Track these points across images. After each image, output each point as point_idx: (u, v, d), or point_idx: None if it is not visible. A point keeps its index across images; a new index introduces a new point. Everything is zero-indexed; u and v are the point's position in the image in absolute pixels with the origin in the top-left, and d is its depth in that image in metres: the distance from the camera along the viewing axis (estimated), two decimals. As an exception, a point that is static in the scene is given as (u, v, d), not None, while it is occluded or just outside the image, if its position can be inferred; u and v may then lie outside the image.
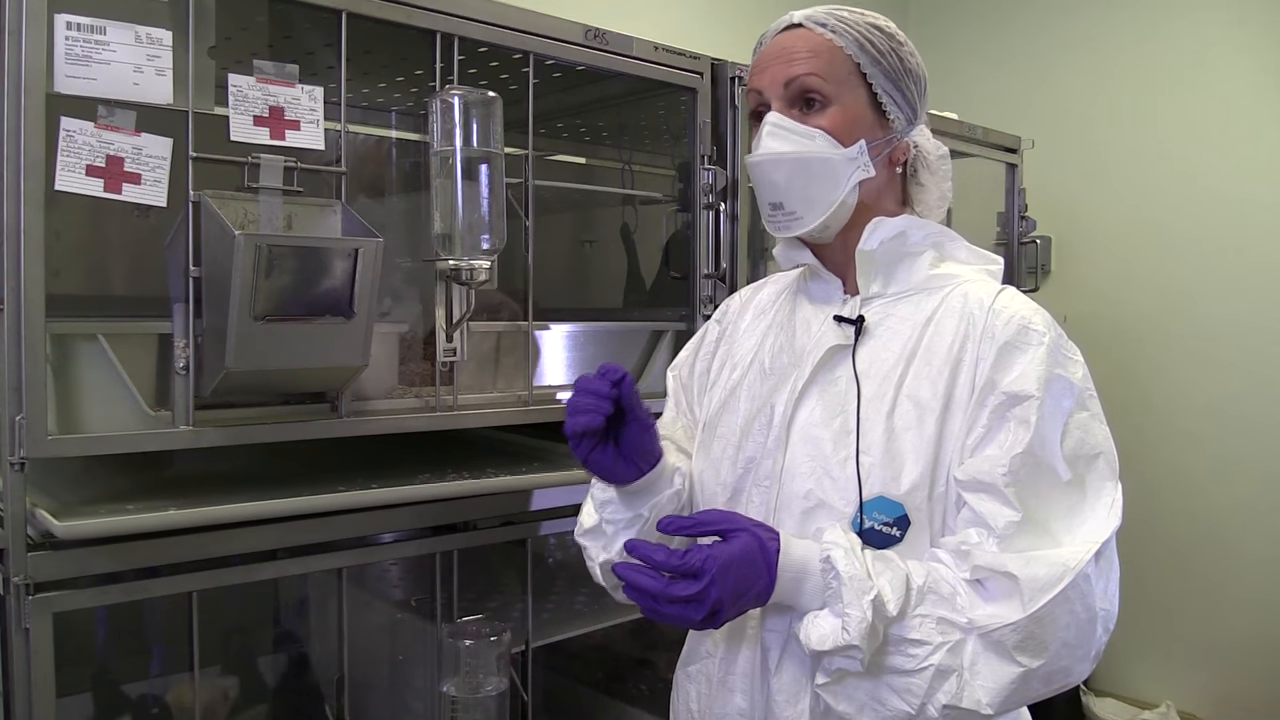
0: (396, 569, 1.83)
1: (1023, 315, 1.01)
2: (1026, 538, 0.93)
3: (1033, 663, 0.91)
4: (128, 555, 1.21)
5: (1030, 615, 0.89)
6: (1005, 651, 0.91)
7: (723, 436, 1.13)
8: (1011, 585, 0.91)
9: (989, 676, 0.91)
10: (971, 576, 0.94)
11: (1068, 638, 0.91)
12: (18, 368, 1.12)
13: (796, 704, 1.01)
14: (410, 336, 1.53)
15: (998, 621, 0.90)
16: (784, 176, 1.05)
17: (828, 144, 1.04)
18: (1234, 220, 2.85)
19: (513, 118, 1.50)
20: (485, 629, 1.47)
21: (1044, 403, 0.96)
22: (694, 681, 1.14)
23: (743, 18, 2.98)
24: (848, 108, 1.05)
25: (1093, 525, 0.95)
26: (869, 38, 1.05)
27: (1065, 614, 0.91)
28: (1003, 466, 0.94)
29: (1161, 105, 2.98)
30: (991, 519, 0.94)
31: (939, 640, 0.91)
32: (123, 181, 1.16)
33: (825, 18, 1.06)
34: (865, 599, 0.90)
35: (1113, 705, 3.00)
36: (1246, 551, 2.84)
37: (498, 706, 1.46)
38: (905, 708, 0.91)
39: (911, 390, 1.01)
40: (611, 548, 1.11)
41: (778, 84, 1.06)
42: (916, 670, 0.91)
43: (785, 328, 1.14)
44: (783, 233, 1.09)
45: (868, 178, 1.06)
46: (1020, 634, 0.90)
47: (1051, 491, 0.95)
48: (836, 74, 1.05)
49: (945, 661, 0.90)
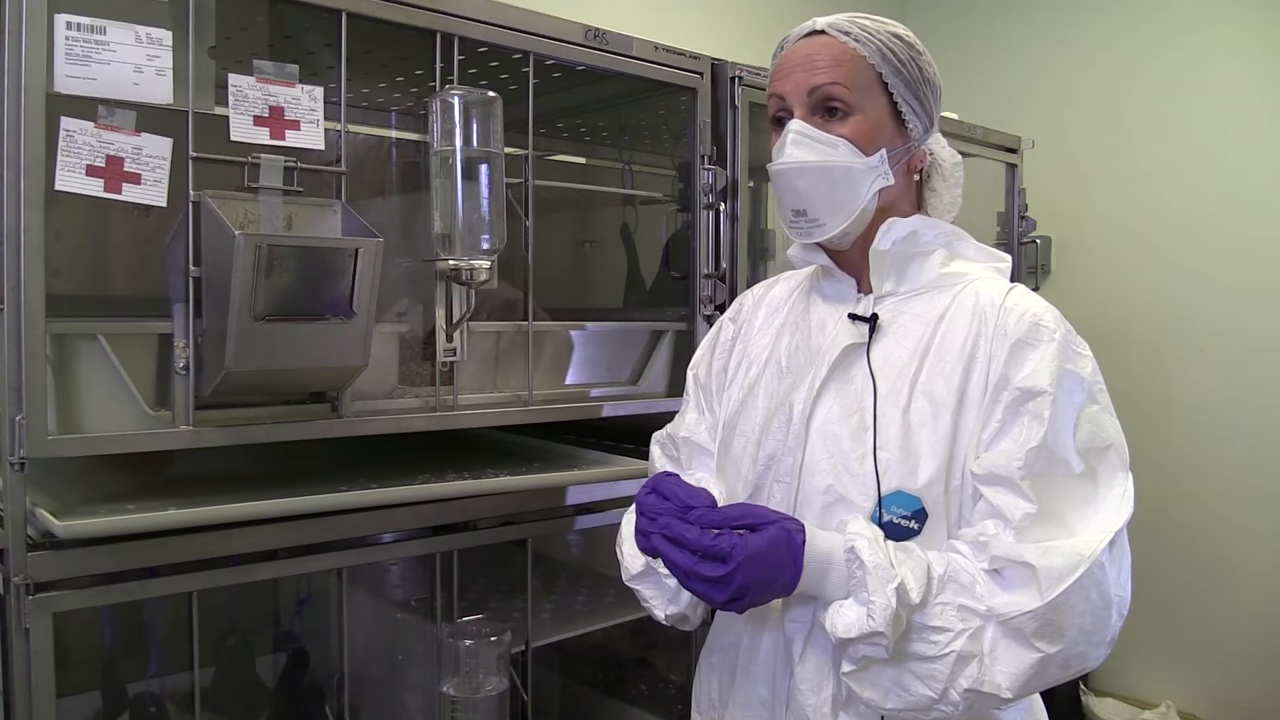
0: (396, 569, 1.83)
1: (1034, 313, 1.04)
2: (1042, 529, 0.96)
3: (1051, 648, 0.93)
4: (128, 555, 1.20)
5: (1048, 603, 0.92)
6: (1024, 638, 0.93)
7: (743, 434, 1.15)
8: (1029, 574, 0.93)
9: (1009, 662, 0.93)
10: (990, 566, 0.96)
11: (1084, 624, 0.94)
12: (18, 368, 1.12)
13: (820, 693, 1.04)
14: (410, 336, 1.53)
15: (1016, 609, 0.93)
16: (808, 184, 1.07)
17: (850, 153, 1.06)
18: (1234, 220, 2.85)
19: (513, 118, 1.50)
20: (485, 629, 1.47)
21: (1056, 398, 0.98)
22: (716, 671, 1.17)
23: (743, 18, 2.98)
24: (870, 117, 1.07)
25: (1106, 515, 0.97)
26: (891, 47, 1.07)
27: (1081, 601, 0.93)
28: (1018, 461, 0.97)
29: (1161, 105, 2.98)
30: (1008, 511, 0.96)
31: (960, 627, 0.93)
32: (123, 181, 1.16)
33: (849, 25, 1.08)
34: (889, 587, 0.92)
35: (1113, 705, 3.01)
36: (1247, 551, 2.84)
37: (498, 706, 1.46)
38: (928, 692, 0.93)
39: (926, 386, 1.04)
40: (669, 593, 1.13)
41: (801, 91, 1.07)
42: (939, 656, 0.93)
43: (800, 326, 1.17)
44: (804, 239, 1.11)
45: (887, 185, 1.08)
46: (1038, 621, 0.92)
47: (1065, 484, 0.98)
48: (860, 83, 1.06)
49: (966, 647, 0.93)
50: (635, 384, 1.79)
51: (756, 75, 1.83)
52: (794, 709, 1.06)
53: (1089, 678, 3.08)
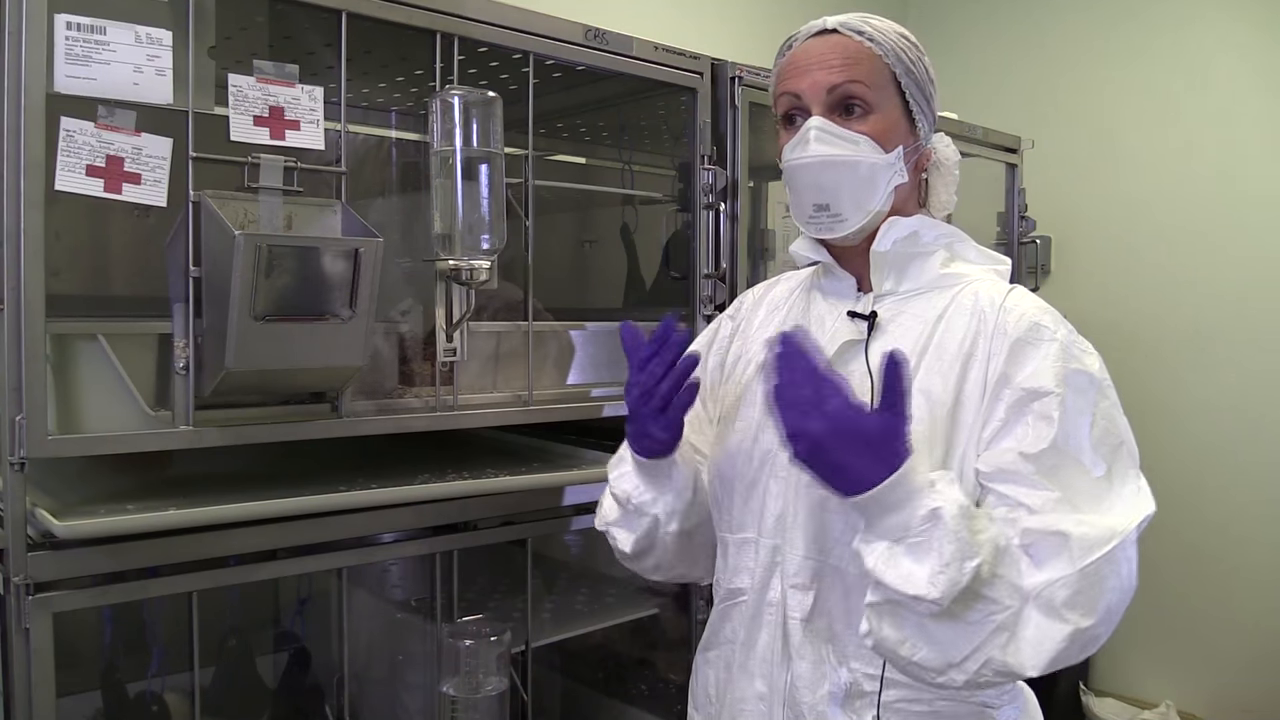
0: (396, 569, 1.83)
1: (1033, 313, 1.04)
2: (1067, 511, 0.94)
3: (1083, 621, 0.90)
4: (128, 555, 1.21)
5: (1080, 570, 0.90)
6: (1054, 609, 0.90)
7: (740, 430, 1.15)
8: (1061, 543, 0.91)
9: (1035, 638, 0.90)
10: (1021, 541, 0.94)
11: (1111, 603, 0.92)
12: (18, 368, 1.12)
13: (817, 689, 1.04)
14: (410, 336, 1.53)
15: (1046, 580, 0.90)
16: (832, 179, 1.07)
17: (871, 149, 1.07)
18: (1234, 219, 2.85)
19: (513, 118, 1.50)
20: (485, 629, 1.47)
21: (1065, 398, 0.97)
22: (713, 666, 1.17)
23: (743, 18, 2.98)
24: (888, 115, 1.08)
25: (1123, 509, 0.96)
26: (902, 46, 1.08)
27: (1113, 576, 0.91)
28: (1029, 464, 0.95)
29: (1161, 105, 2.98)
30: (1027, 499, 0.95)
31: (1008, 603, 0.90)
32: (123, 181, 1.16)
33: (861, 25, 1.08)
34: (969, 564, 0.88)
35: (1113, 705, 3.01)
36: (1247, 551, 2.84)
37: (498, 706, 1.46)
38: (952, 655, 0.90)
39: (924, 384, 1.03)
40: (639, 527, 1.14)
41: (820, 89, 1.07)
42: (979, 623, 0.90)
43: (800, 322, 1.16)
44: (824, 234, 1.11)
45: (902, 183, 1.09)
46: (1070, 589, 0.90)
47: (1079, 482, 0.96)
48: (878, 81, 1.07)
49: (1006, 622, 0.90)
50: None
51: (756, 75, 1.83)
52: (791, 704, 1.06)
53: (1089, 678, 3.08)
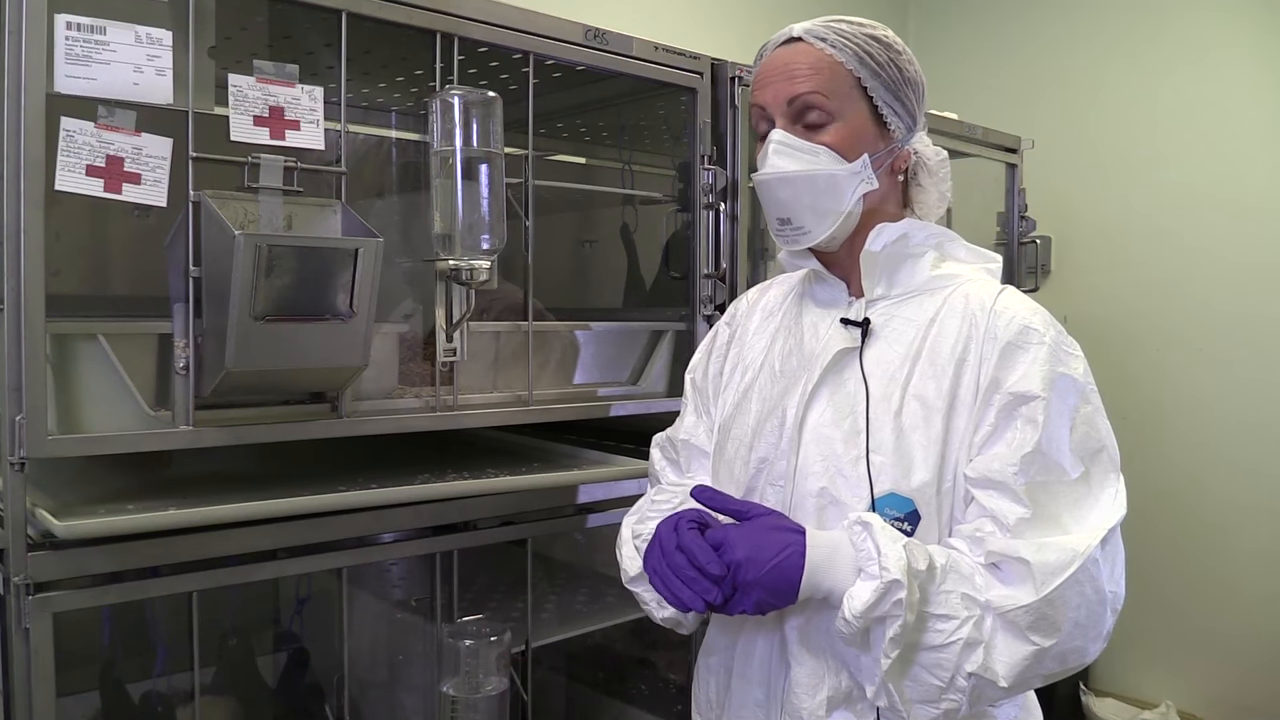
0: (396, 569, 1.83)
1: (1023, 316, 1.05)
2: (1036, 530, 0.97)
3: (1045, 642, 0.94)
4: (128, 555, 1.20)
5: (1043, 597, 0.93)
6: (1019, 631, 0.94)
7: (736, 438, 1.15)
8: (1024, 570, 0.94)
9: (1005, 653, 0.94)
10: (986, 561, 0.98)
11: (1079, 618, 0.95)
12: (18, 368, 1.12)
13: (815, 695, 1.04)
14: (411, 336, 1.53)
15: (1012, 603, 0.94)
16: (790, 193, 1.08)
17: (832, 160, 1.07)
18: (1233, 219, 2.85)
19: (513, 118, 1.50)
20: (485, 629, 1.47)
21: (1050, 402, 0.99)
22: (714, 672, 1.18)
23: (743, 18, 2.98)
24: (850, 123, 1.07)
25: (1099, 515, 0.99)
26: (868, 50, 1.07)
27: (1076, 596, 0.94)
28: (1013, 466, 0.98)
29: (1161, 105, 2.97)
30: (1002, 515, 0.98)
31: (964, 614, 0.94)
32: (123, 181, 1.16)
33: (825, 32, 1.08)
34: (898, 544, 0.93)
35: (1113, 705, 3.01)
36: (1246, 551, 2.84)
37: (498, 706, 1.46)
38: (938, 681, 0.94)
39: (918, 390, 1.04)
40: None
41: (780, 101, 1.08)
42: (946, 644, 0.94)
43: (793, 331, 1.17)
44: (791, 246, 1.13)
45: (872, 189, 1.09)
46: (1033, 615, 0.94)
47: (1059, 486, 0.99)
48: (838, 90, 1.07)
49: (972, 634, 0.94)
50: (635, 384, 1.80)
51: (756, 75, 1.82)
52: (789, 711, 1.06)
53: (1089, 677, 3.08)
